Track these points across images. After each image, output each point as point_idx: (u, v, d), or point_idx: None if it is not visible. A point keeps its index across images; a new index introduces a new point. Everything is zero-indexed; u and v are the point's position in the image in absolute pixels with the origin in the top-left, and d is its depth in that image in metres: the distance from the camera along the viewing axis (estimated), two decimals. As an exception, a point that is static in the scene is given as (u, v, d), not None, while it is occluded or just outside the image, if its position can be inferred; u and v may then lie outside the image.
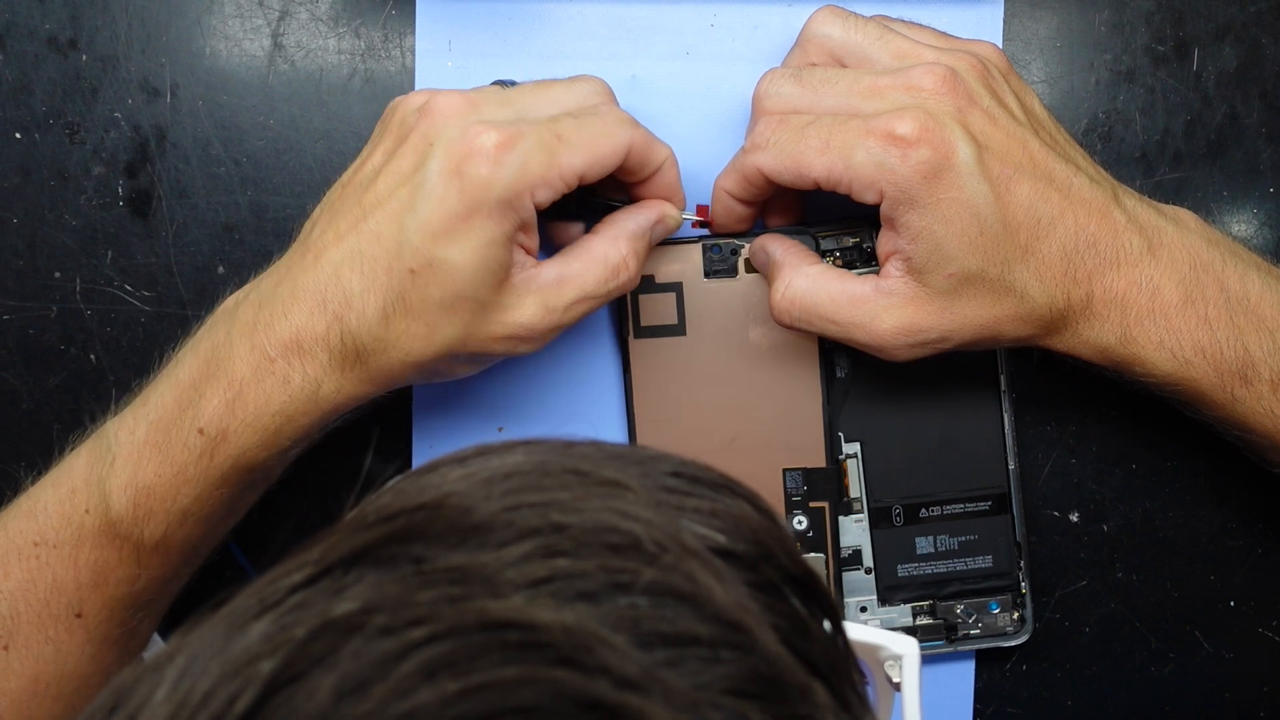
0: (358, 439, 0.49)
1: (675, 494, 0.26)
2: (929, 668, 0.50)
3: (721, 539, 0.25)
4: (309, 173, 0.49)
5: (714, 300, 0.47)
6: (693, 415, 0.47)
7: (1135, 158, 0.48)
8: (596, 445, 0.27)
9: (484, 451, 0.27)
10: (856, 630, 0.34)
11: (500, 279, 0.40)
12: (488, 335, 0.41)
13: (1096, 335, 0.42)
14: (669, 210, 0.44)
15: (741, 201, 0.45)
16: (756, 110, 0.43)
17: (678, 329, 0.47)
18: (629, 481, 0.25)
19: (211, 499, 0.42)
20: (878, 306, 0.41)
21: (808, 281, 0.42)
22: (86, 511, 0.42)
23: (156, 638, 0.49)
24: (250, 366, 0.41)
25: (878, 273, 0.42)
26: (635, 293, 0.47)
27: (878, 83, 0.41)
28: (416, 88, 0.48)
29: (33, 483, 0.44)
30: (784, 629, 0.24)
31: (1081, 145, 0.48)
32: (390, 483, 0.27)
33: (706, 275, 0.47)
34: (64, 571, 0.42)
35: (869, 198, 0.40)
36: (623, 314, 0.47)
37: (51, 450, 0.49)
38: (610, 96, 0.43)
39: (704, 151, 0.48)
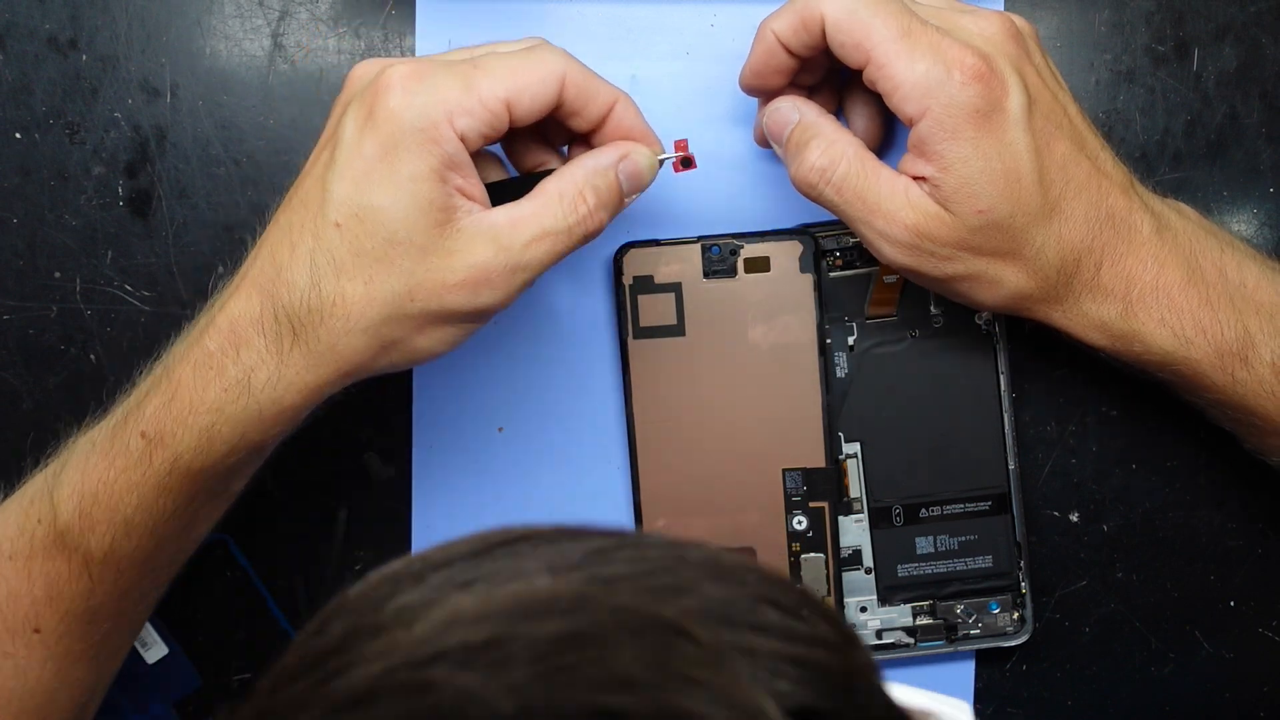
0: (358, 440, 0.49)
1: (741, 629, 0.21)
2: (929, 668, 0.50)
3: (806, 696, 0.20)
4: (309, 173, 0.49)
5: (713, 300, 0.47)
6: (692, 416, 0.47)
7: (1135, 158, 0.48)
8: (632, 552, 0.22)
9: (478, 553, 0.21)
10: (908, 695, 0.31)
11: (437, 220, 0.37)
12: (437, 283, 0.38)
13: (1098, 309, 0.41)
14: (634, 147, 0.41)
15: (787, 50, 0.42)
16: None
17: (677, 329, 0.47)
18: (690, 627, 0.20)
19: (155, 509, 0.40)
20: (907, 201, 0.40)
21: (854, 154, 0.41)
22: (39, 521, 0.40)
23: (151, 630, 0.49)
24: (190, 364, 0.39)
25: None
26: (635, 293, 0.47)
27: (958, 13, 0.41)
28: (416, 88, 0.48)
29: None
30: None
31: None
32: (334, 606, 0.21)
33: (706, 276, 0.47)
34: (19, 584, 0.40)
35: (909, 109, 0.39)
36: (622, 314, 0.47)
37: (52, 451, 0.49)
38: (548, 43, 0.41)
39: (705, 152, 0.48)
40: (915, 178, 0.40)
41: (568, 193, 0.39)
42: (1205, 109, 0.48)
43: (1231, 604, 0.50)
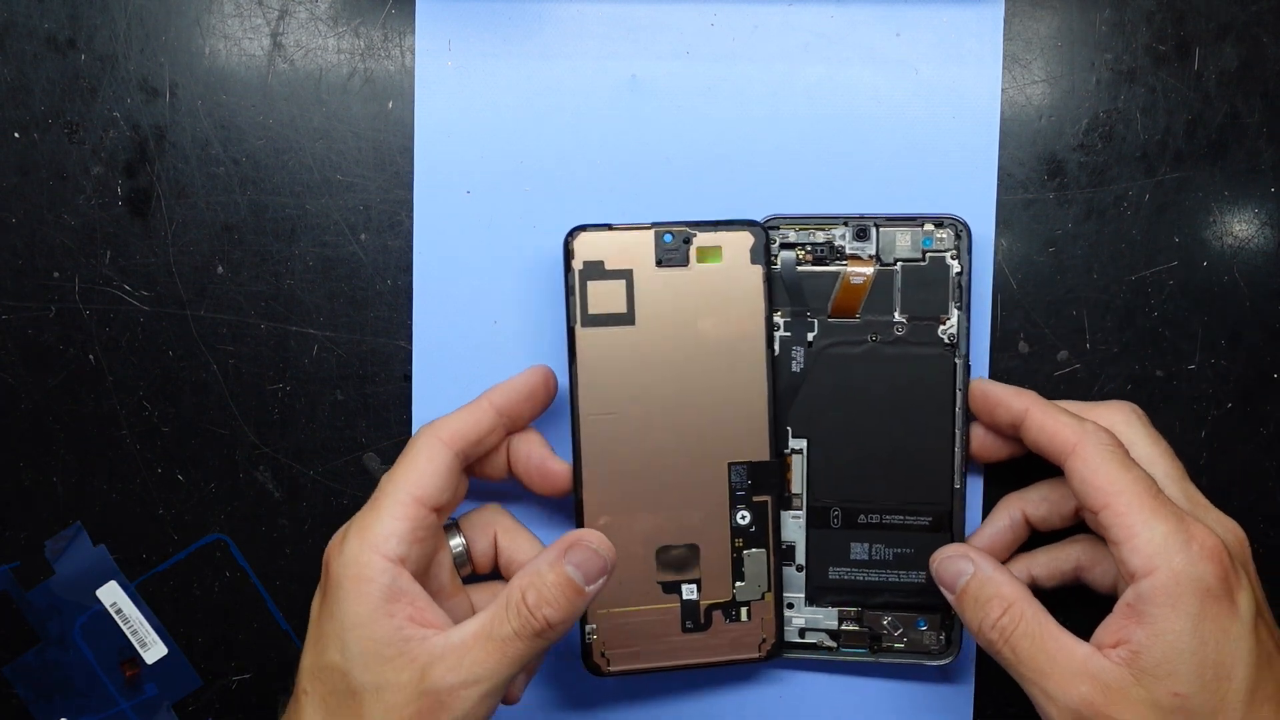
0: (357, 439, 0.49)
1: None
2: (929, 686, 0.50)
3: None
4: (308, 172, 0.49)
5: (664, 289, 0.46)
6: (640, 409, 0.46)
7: (1136, 157, 0.48)
8: None
9: None
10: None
11: (388, 656, 0.39)
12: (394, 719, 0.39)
13: None
14: (582, 535, 0.42)
15: (1012, 438, 0.45)
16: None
17: (627, 318, 0.46)
18: None
19: None
20: (1082, 670, 0.38)
21: (1033, 614, 0.40)
22: None
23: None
24: None
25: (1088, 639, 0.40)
26: (585, 279, 0.46)
27: (1199, 506, 0.42)
28: (417, 87, 0.48)
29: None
30: None
31: (1083, 144, 0.48)
32: None
33: (658, 264, 0.46)
34: None
35: (1135, 562, 0.38)
36: (571, 300, 0.46)
37: (51, 450, 0.49)
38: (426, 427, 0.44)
39: (704, 152, 0.48)
40: (1116, 643, 0.38)
41: (513, 598, 0.40)
42: (1206, 109, 0.48)
43: (1232, 604, 0.50)
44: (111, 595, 0.50)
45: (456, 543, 0.46)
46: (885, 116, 0.48)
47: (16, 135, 0.49)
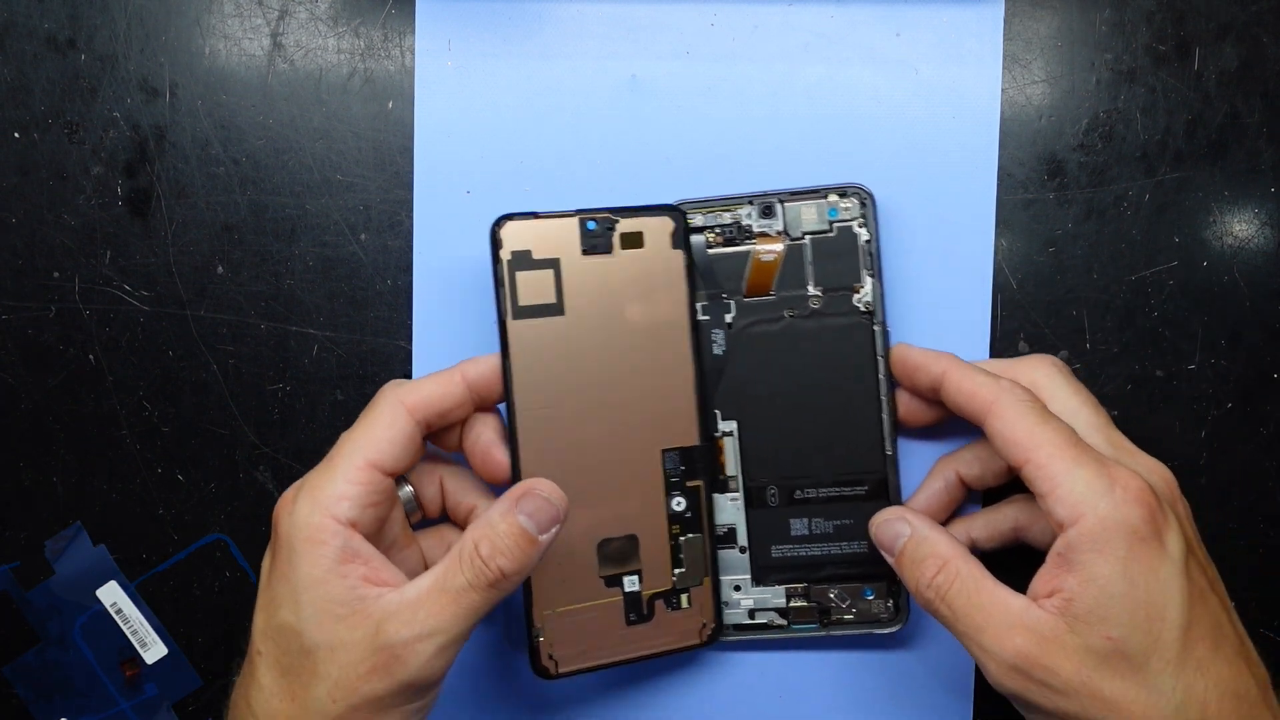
0: (357, 439, 0.50)
1: None
2: (930, 662, 0.50)
3: None
4: (308, 172, 0.49)
5: (591, 277, 0.45)
6: (574, 400, 0.45)
7: (1136, 157, 0.48)
8: None
9: None
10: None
11: (341, 615, 0.39)
12: (350, 677, 0.39)
13: None
14: (533, 484, 0.41)
15: (935, 401, 0.44)
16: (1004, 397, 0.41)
17: (556, 308, 0.45)
18: None
19: None
20: (1022, 622, 0.38)
21: (968, 572, 0.40)
22: None
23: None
24: None
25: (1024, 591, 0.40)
26: (513, 269, 0.45)
27: (1124, 451, 0.42)
28: (417, 87, 0.48)
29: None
30: None
31: (1083, 144, 0.48)
32: None
33: (584, 252, 0.46)
34: None
35: (1061, 512, 0.38)
36: (500, 292, 0.45)
37: (51, 450, 0.49)
38: (390, 385, 0.44)
39: (703, 152, 0.48)
40: (1050, 593, 0.38)
41: (465, 549, 0.40)
42: (1206, 108, 0.48)
43: (1232, 604, 0.50)
44: (111, 595, 0.50)
45: (405, 492, 0.45)
46: (885, 116, 0.48)
47: (16, 135, 0.49)
